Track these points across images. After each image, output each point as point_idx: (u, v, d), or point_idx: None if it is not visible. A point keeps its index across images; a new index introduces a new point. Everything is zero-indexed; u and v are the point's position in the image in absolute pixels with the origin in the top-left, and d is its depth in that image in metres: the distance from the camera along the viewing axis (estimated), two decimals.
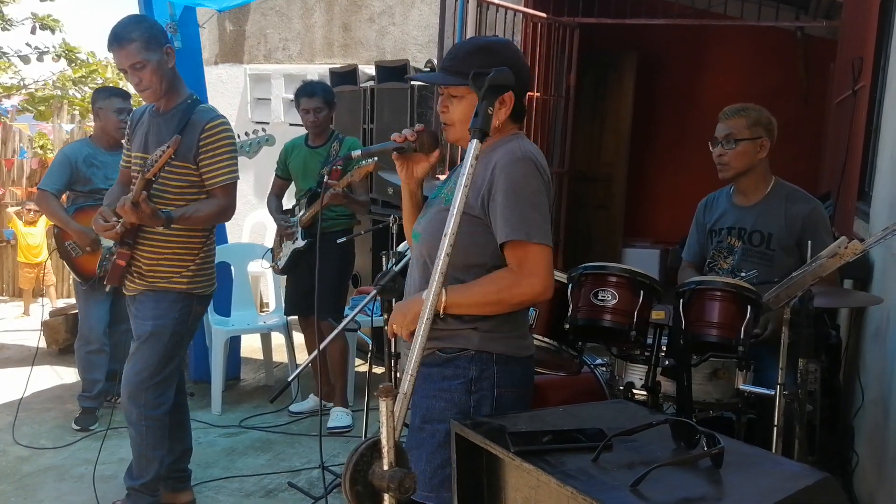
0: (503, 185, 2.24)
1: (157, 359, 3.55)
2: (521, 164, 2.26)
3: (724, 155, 3.37)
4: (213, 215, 3.55)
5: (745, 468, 1.60)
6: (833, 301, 3.24)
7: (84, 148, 4.96)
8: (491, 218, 2.27)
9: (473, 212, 2.27)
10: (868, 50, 4.69)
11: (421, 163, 2.46)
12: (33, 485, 4.15)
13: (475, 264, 2.30)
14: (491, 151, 2.31)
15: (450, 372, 2.30)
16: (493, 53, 2.30)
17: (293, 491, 4.09)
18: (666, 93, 9.26)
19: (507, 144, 2.33)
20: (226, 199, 3.55)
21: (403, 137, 2.36)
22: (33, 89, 15.40)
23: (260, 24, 8.38)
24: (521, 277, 2.23)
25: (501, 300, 2.26)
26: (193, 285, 3.57)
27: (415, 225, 2.50)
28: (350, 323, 3.43)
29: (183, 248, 3.54)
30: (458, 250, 2.17)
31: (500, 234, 2.24)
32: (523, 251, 2.23)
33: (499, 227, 2.24)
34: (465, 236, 2.19)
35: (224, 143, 3.50)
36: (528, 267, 2.23)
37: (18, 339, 7.04)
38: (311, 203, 4.89)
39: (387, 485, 1.49)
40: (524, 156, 2.28)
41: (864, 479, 3.50)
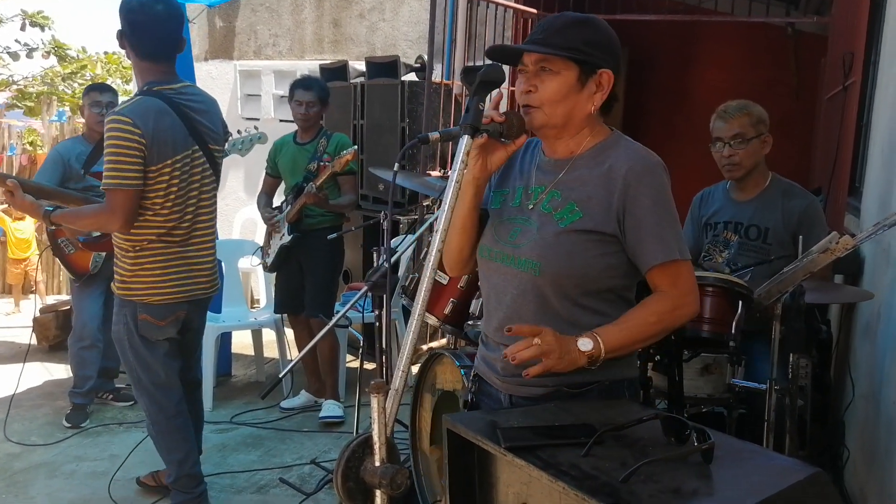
0: (648, 199, 1.99)
1: (130, 364, 3.50)
2: (657, 171, 2.04)
3: (734, 155, 3.36)
4: (93, 221, 3.33)
5: (736, 463, 1.60)
6: (824, 296, 3.25)
7: (77, 145, 4.94)
8: (627, 235, 2.00)
9: (604, 229, 2.00)
10: (858, 45, 4.70)
11: (498, 151, 2.05)
12: (24, 481, 4.13)
13: (609, 288, 2.06)
14: (598, 154, 2.06)
15: None
16: (595, 28, 2.07)
17: (284, 487, 4.09)
18: (656, 89, 9.27)
19: (620, 146, 2.08)
20: (106, 206, 3.20)
21: (489, 119, 1.96)
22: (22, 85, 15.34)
23: (250, 19, 8.36)
24: (679, 298, 2.02)
25: (665, 328, 2.05)
26: (126, 291, 3.40)
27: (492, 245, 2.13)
28: (341, 319, 3.43)
29: (117, 249, 3.39)
30: (593, 276, 2.02)
31: (652, 255, 1.99)
32: (676, 270, 2.02)
33: (649, 246, 1.99)
34: (599, 259, 2.01)
35: (109, 142, 3.14)
36: (682, 286, 2.03)
37: (9, 335, 7.01)
38: (297, 199, 4.89)
39: (378, 481, 1.49)
40: (658, 162, 2.06)
41: (855, 474, 3.51)
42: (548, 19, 2.07)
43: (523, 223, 2.08)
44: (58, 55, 15.26)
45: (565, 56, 1.98)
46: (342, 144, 4.95)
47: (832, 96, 5.90)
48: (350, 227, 5.16)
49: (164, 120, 3.23)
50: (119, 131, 3.12)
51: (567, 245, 1.99)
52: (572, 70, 2.00)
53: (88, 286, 4.90)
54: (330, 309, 4.92)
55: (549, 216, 2.04)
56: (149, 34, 3.27)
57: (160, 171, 3.23)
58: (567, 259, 1.99)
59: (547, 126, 2.05)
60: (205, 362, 5.21)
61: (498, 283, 2.12)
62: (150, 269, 3.36)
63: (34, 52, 14.46)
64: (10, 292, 8.62)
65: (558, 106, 2.02)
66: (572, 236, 2.00)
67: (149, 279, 3.36)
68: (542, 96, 2.00)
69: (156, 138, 3.18)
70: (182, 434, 3.58)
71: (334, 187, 4.93)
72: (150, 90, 3.27)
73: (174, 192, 3.30)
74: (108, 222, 3.24)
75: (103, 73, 16.56)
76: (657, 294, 2.03)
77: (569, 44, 1.98)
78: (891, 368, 2.98)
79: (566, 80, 2.00)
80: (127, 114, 3.15)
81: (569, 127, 2.07)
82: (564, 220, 2.01)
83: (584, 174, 2.04)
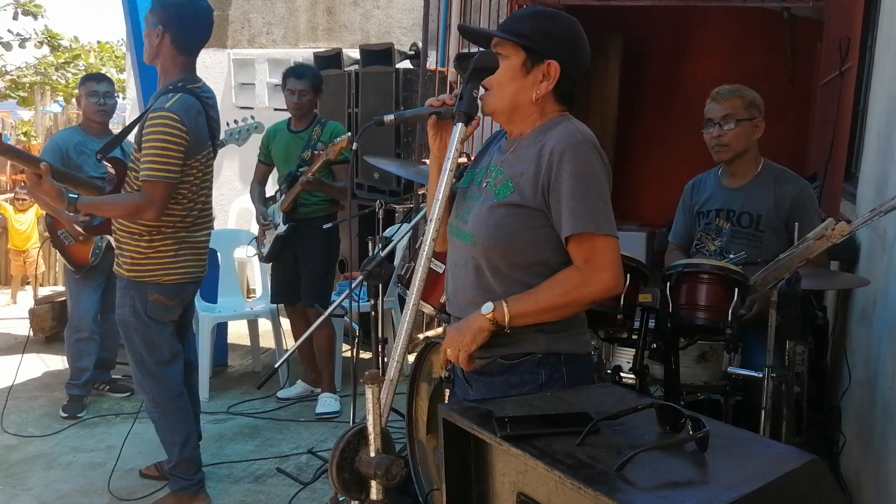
0: (566, 172, 2.04)
1: (134, 347, 3.56)
2: (582, 147, 2.07)
3: (722, 136, 3.35)
4: (126, 211, 3.37)
5: (732, 451, 1.60)
6: (820, 283, 3.24)
7: (74, 136, 4.92)
8: (552, 209, 2.07)
9: (532, 204, 2.08)
10: (855, 30, 4.68)
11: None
12: (21, 473, 4.13)
13: (538, 262, 2.11)
14: (539, 134, 2.14)
15: (516, 379, 2.14)
16: (554, 21, 2.14)
17: (282, 476, 4.09)
18: (652, 75, 9.24)
19: (559, 126, 2.14)
20: (144, 195, 3.30)
21: (441, 102, 2.15)
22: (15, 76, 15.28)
23: (243, 8, 8.32)
24: (590, 274, 2.06)
25: (572, 302, 2.08)
26: (137, 273, 3.45)
27: (455, 221, 2.26)
28: (337, 309, 3.42)
29: (126, 234, 3.45)
30: (519, 248, 2.09)
31: (565, 227, 2.05)
32: (591, 245, 2.06)
33: (564, 219, 2.05)
34: (526, 232, 2.09)
35: (157, 136, 3.28)
36: (596, 262, 2.06)
37: (5, 327, 7.00)
38: (291, 187, 4.87)
39: (374, 471, 1.49)
40: (585, 138, 2.09)
41: (851, 460, 3.51)
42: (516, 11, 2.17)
43: (476, 200, 2.20)
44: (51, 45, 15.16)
45: (514, 41, 2.08)
46: (336, 132, 4.93)
47: (828, 82, 5.88)
48: (345, 216, 5.15)
49: (200, 119, 3.43)
50: (169, 127, 3.28)
51: (496, 218, 2.10)
52: (520, 56, 2.09)
53: (87, 278, 4.89)
54: (326, 298, 4.91)
55: (491, 192, 2.15)
56: (194, 28, 3.45)
57: (192, 166, 3.42)
58: (495, 231, 2.09)
59: (496, 110, 2.16)
60: (201, 352, 5.22)
61: (453, 256, 2.26)
62: (164, 252, 3.47)
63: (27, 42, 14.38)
64: (8, 283, 8.62)
65: (504, 89, 2.12)
66: (502, 209, 2.10)
67: (163, 261, 3.47)
68: (492, 79, 2.11)
69: (193, 135, 3.37)
70: (184, 415, 3.64)
71: (328, 175, 4.91)
72: (184, 87, 3.41)
73: (196, 183, 3.48)
74: (144, 211, 3.33)
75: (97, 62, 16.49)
76: (570, 268, 2.09)
77: (521, 31, 2.09)
78: (887, 354, 2.98)
79: (512, 65, 2.10)
80: (175, 111, 3.30)
81: (517, 111, 2.16)
82: (500, 195, 2.12)
83: (523, 153, 2.13)
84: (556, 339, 2.13)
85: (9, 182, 8.87)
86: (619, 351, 3.20)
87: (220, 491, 3.94)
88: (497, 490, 1.82)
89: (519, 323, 2.06)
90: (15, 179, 8.76)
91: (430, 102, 2.18)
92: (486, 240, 2.11)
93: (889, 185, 3.25)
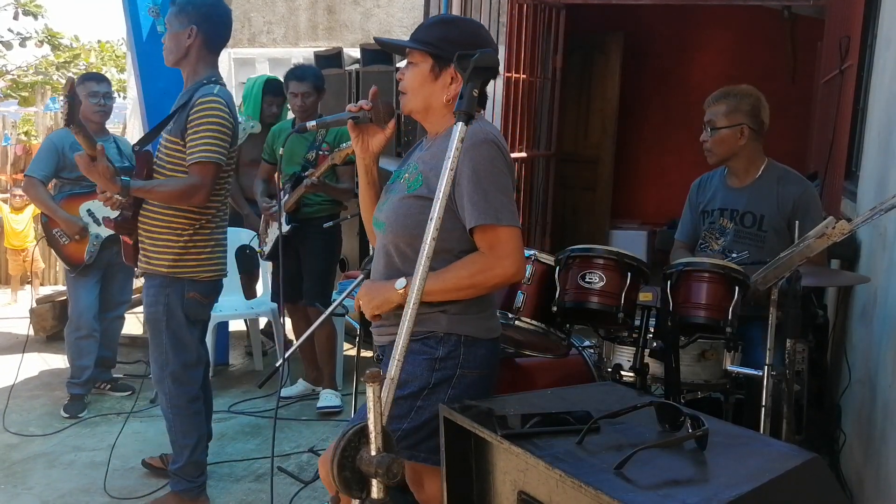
0: (468, 169, 2.21)
1: (161, 347, 3.55)
2: (483, 146, 2.24)
3: (706, 141, 3.40)
4: (177, 193, 3.37)
5: (732, 449, 1.60)
6: (820, 280, 3.25)
7: (70, 135, 4.91)
8: (457, 202, 2.26)
9: None
10: (855, 29, 4.68)
11: (377, 135, 2.46)
12: (23, 472, 4.13)
13: (443, 249, 2.26)
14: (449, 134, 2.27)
15: (416, 347, 2.31)
16: (454, 26, 2.38)
17: (283, 475, 4.09)
18: (653, 74, 9.24)
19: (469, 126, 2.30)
20: (196, 178, 3.34)
21: (359, 107, 2.38)
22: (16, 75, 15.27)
23: (244, 7, 8.32)
24: (493, 260, 2.24)
25: (475, 284, 2.26)
26: (178, 269, 3.46)
27: (375, 213, 2.48)
28: (338, 307, 3.42)
29: (167, 229, 3.45)
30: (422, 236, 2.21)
31: (468, 219, 2.23)
32: (493, 235, 2.23)
33: (467, 211, 2.23)
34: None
35: (207, 119, 3.34)
36: (499, 250, 2.23)
37: (6, 326, 7.00)
38: (295, 188, 4.87)
39: (374, 470, 1.49)
40: (486, 138, 2.25)
41: (851, 458, 3.52)
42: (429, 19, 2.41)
43: (393, 193, 2.41)
44: (51, 44, 15.16)
45: (420, 49, 2.32)
46: (340, 134, 4.93)
47: (829, 80, 5.88)
48: (346, 215, 5.15)
49: (234, 112, 3.52)
50: (219, 111, 3.36)
51: (404, 208, 2.30)
52: (427, 62, 2.32)
53: (83, 276, 4.89)
54: (327, 297, 4.91)
55: (404, 185, 2.37)
56: (223, 28, 3.56)
57: (231, 155, 3.51)
58: (403, 219, 2.30)
59: (412, 111, 2.40)
60: None
61: (377, 244, 2.48)
62: (203, 247, 3.51)
63: (27, 42, 14.38)
64: (7, 283, 8.62)
65: (418, 93, 2.35)
66: (410, 201, 2.30)
67: (201, 256, 3.51)
68: (406, 84, 2.36)
69: (235, 125, 3.48)
70: (199, 418, 3.65)
71: (332, 176, 4.91)
72: (217, 82, 3.48)
73: (227, 177, 3.54)
74: (195, 193, 3.36)
75: (97, 61, 16.47)
76: (476, 253, 2.28)
77: (427, 39, 2.32)
78: (887, 352, 2.98)
79: (421, 71, 2.33)
80: (224, 97, 3.42)
81: (431, 112, 2.39)
82: (411, 188, 2.33)
83: (436, 151, 2.32)
84: (457, 320, 2.32)
85: (9, 181, 8.87)
86: (620, 349, 3.21)
87: (222, 490, 3.95)
88: (498, 488, 1.82)
89: (425, 300, 2.16)
90: (15, 178, 8.76)
91: (348, 108, 2.40)
92: (395, 228, 2.33)
93: (889, 183, 3.25)
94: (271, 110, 5.68)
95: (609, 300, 2.92)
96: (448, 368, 2.30)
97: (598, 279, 2.93)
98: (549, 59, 7.25)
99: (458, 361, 2.31)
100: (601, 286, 2.92)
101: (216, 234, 3.56)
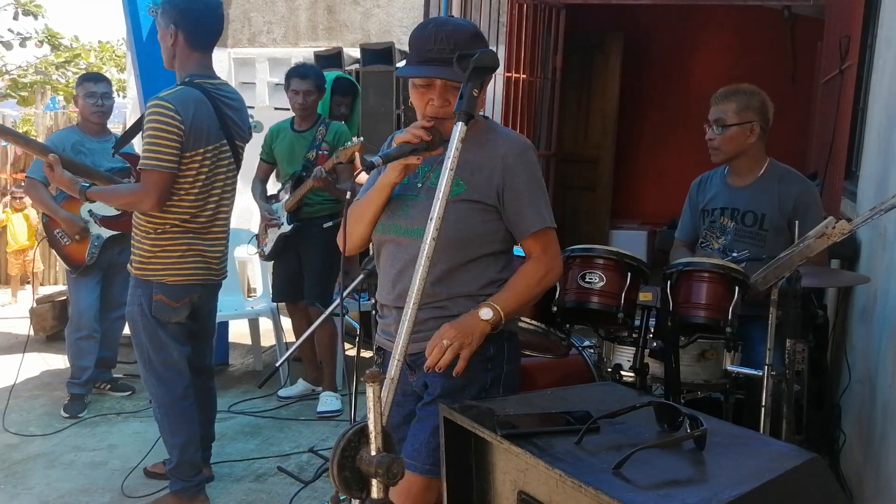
0: (524, 174, 2.30)
1: (142, 346, 3.56)
2: (530, 152, 2.36)
3: (713, 139, 3.37)
4: (125, 200, 3.42)
5: (732, 449, 1.60)
6: (820, 281, 3.25)
7: (71, 135, 4.92)
8: (506, 206, 2.31)
9: (488, 201, 2.30)
10: (855, 29, 4.68)
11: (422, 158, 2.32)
12: (23, 472, 4.13)
13: (489, 253, 2.34)
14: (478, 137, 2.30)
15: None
16: (482, 38, 2.34)
17: (283, 475, 4.10)
18: (653, 73, 9.24)
19: (497, 130, 2.42)
20: (141, 186, 3.33)
21: (419, 139, 2.22)
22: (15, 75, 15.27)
23: (244, 7, 8.31)
24: (550, 261, 2.34)
25: (543, 290, 2.35)
26: (145, 270, 3.46)
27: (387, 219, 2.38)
28: (338, 308, 3.42)
29: (138, 231, 3.46)
30: (474, 240, 2.32)
31: (529, 223, 2.31)
32: (546, 237, 2.34)
33: (526, 216, 2.31)
34: (480, 225, 2.31)
35: (149, 125, 3.28)
36: (551, 250, 2.35)
37: (6, 326, 7.00)
38: (296, 188, 4.87)
39: (374, 470, 1.49)
40: (528, 143, 2.39)
41: (851, 458, 3.52)
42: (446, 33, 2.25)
43: (413, 199, 2.36)
44: (51, 44, 15.16)
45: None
46: (341, 133, 4.94)
47: (829, 80, 5.88)
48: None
49: (202, 110, 3.39)
50: (162, 116, 3.26)
51: (454, 213, 2.19)
52: None
53: (84, 276, 4.89)
54: (328, 297, 4.91)
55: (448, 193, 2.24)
56: (205, 22, 3.44)
57: (192, 159, 3.38)
58: (454, 224, 2.22)
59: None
60: None
61: (392, 252, 2.39)
62: (170, 252, 3.46)
63: (27, 42, 14.38)
64: (7, 283, 8.61)
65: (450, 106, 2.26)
66: (458, 205, 2.27)
67: (167, 261, 3.46)
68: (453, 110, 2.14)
69: (193, 126, 3.34)
70: (187, 417, 3.62)
71: (331, 175, 4.91)
72: (191, 82, 3.42)
73: (201, 180, 3.44)
74: (142, 201, 3.34)
75: (97, 61, 16.46)
76: (532, 261, 2.34)
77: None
78: (887, 352, 2.98)
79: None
80: (170, 101, 3.29)
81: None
82: (451, 192, 2.13)
83: (467, 155, 2.18)
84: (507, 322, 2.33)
85: (9, 180, 8.86)
86: (620, 349, 3.21)
87: (222, 490, 3.95)
88: (498, 488, 1.82)
89: (508, 319, 2.28)
90: (15, 178, 8.76)
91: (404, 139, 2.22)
92: (444, 233, 2.14)
93: (889, 183, 3.25)
94: (339, 111, 5.68)
95: (609, 300, 2.93)
96: (498, 367, 2.35)
97: (599, 279, 2.93)
98: (549, 58, 7.24)
99: (503, 358, 2.36)
100: (601, 286, 2.93)
101: (188, 240, 3.47)
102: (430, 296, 2.27)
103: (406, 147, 2.20)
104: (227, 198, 3.62)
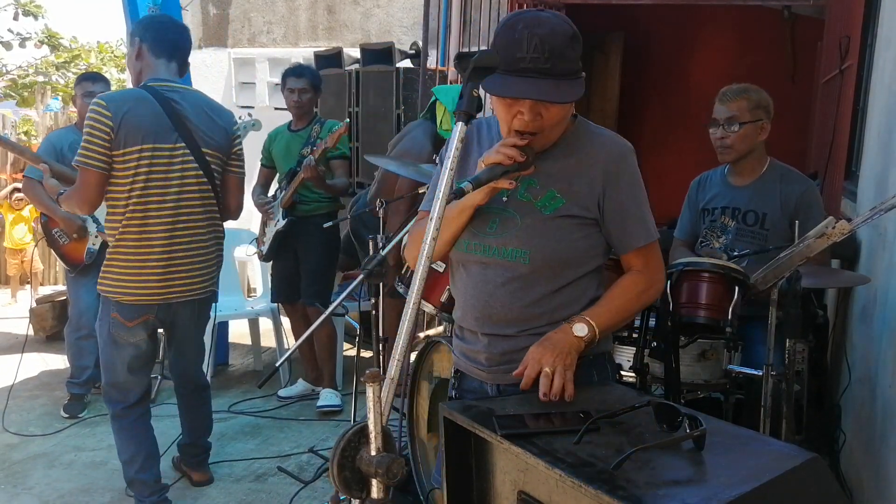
0: (626, 184, 2.08)
1: (101, 361, 3.55)
2: (632, 156, 2.12)
3: (726, 137, 3.35)
4: (69, 200, 3.38)
5: (732, 449, 1.60)
6: (820, 281, 3.24)
7: (69, 134, 4.93)
8: (607, 218, 2.08)
9: (590, 214, 2.07)
10: (855, 29, 4.68)
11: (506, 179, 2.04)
12: (23, 472, 4.14)
13: (589, 269, 2.12)
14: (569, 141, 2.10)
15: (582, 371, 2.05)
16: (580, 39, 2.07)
17: (283, 475, 4.10)
18: (653, 73, 9.23)
19: (590, 131, 2.16)
20: (74, 187, 3.35)
21: (512, 160, 1.96)
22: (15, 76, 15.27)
23: (244, 7, 8.32)
24: (652, 276, 2.15)
25: (642, 306, 2.19)
26: (104, 287, 3.42)
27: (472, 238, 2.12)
28: (337, 307, 3.42)
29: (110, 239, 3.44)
30: (579, 258, 2.08)
31: (634, 238, 2.11)
32: (650, 250, 2.14)
33: (632, 231, 2.10)
34: (582, 241, 2.08)
35: (86, 123, 3.27)
36: (653, 265, 2.15)
37: (5, 326, 7.00)
38: (291, 182, 4.87)
39: (374, 470, 1.49)
40: (630, 146, 2.13)
41: (851, 458, 3.51)
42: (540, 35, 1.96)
43: (500, 213, 2.10)
44: (51, 45, 15.18)
45: None
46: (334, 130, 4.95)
47: (829, 80, 5.88)
48: (346, 214, 5.15)
49: (140, 108, 3.30)
50: (94, 114, 3.24)
51: (554, 230, 2.05)
52: None
53: (83, 276, 4.89)
54: (327, 297, 4.91)
55: (530, 204, 2.07)
56: (166, 31, 3.49)
57: (125, 157, 3.29)
58: (556, 243, 2.04)
59: (547, 145, 2.07)
60: None
61: (479, 274, 2.13)
62: (124, 266, 3.38)
63: (27, 42, 14.39)
64: (7, 283, 8.62)
65: (560, 125, 2.06)
66: (558, 222, 2.05)
67: (122, 276, 3.38)
68: (546, 123, 2.01)
69: (125, 123, 3.26)
70: (129, 435, 3.56)
71: (327, 172, 4.91)
72: (144, 85, 3.41)
73: (141, 180, 3.32)
74: (75, 198, 3.34)
75: (97, 62, 16.48)
76: (633, 274, 2.14)
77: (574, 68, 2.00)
78: (887, 352, 2.98)
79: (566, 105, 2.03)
80: (105, 98, 3.29)
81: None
82: (547, 207, 2.06)
83: (560, 163, 2.08)
84: (604, 337, 2.13)
85: (9, 180, 8.86)
86: (620, 349, 3.20)
87: (222, 490, 3.95)
88: (498, 488, 1.82)
89: (603, 335, 2.08)
90: (14, 178, 8.75)
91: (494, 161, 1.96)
92: (547, 254, 2.05)
93: (889, 183, 3.25)
94: None
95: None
96: None
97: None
98: None
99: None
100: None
101: (141, 256, 3.36)
102: (526, 321, 2.09)
103: (498, 169, 1.94)
104: (192, 207, 3.45)
